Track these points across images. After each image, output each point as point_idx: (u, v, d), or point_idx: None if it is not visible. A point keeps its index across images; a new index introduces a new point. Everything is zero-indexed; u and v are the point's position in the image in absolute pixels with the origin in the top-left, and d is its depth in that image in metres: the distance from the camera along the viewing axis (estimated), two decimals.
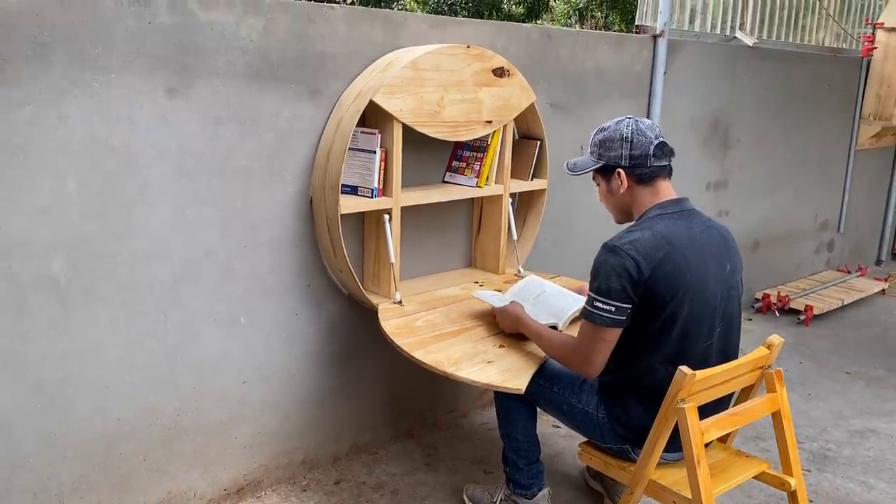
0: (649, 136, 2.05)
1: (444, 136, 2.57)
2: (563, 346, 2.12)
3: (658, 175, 2.07)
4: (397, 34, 2.60)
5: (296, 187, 2.47)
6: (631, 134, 2.05)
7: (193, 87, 2.20)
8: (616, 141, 2.07)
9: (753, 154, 4.45)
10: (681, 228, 2.02)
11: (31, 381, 2.07)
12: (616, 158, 2.07)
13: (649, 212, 2.07)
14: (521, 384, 2.08)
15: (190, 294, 2.31)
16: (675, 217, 2.04)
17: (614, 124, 2.10)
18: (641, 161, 2.05)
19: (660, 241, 1.97)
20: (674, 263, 1.96)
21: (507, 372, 2.15)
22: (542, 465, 2.41)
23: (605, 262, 1.97)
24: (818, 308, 4.52)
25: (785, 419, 2.09)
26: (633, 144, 2.04)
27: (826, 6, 4.86)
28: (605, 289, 1.95)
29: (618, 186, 2.09)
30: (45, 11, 1.92)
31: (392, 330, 2.36)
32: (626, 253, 1.95)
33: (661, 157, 2.06)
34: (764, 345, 2.08)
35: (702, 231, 2.05)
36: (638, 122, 2.07)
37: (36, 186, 1.98)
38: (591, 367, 2.03)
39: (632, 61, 3.52)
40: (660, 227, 2.00)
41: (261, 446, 2.58)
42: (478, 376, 2.12)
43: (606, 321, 1.96)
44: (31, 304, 2.03)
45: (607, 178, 2.13)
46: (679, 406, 1.87)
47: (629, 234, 2.00)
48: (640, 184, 2.07)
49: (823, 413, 3.35)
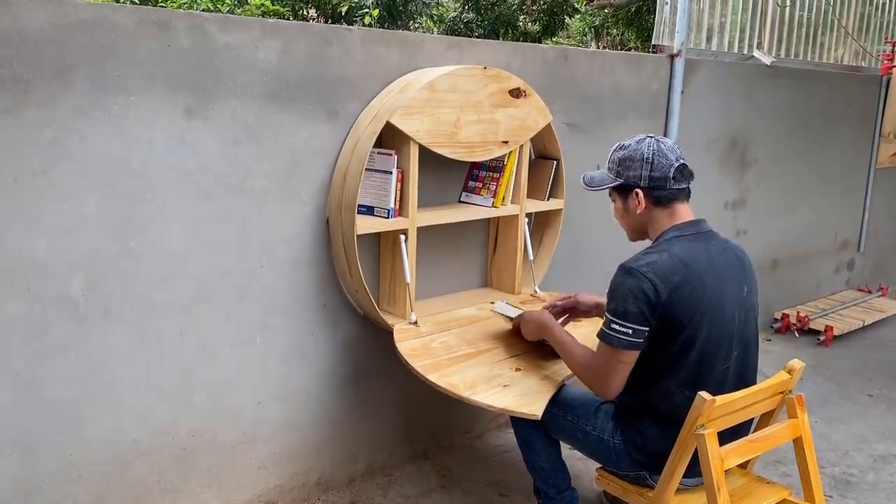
0: (670, 159, 2.03)
1: (460, 157, 2.57)
2: (582, 360, 2.09)
3: (676, 198, 2.06)
4: (414, 55, 2.61)
5: (312, 207, 2.48)
6: (652, 155, 2.03)
7: (212, 108, 2.21)
8: (636, 161, 2.05)
9: (772, 173, 4.42)
10: (698, 251, 2.00)
11: (48, 400, 2.08)
12: (635, 178, 2.06)
13: (666, 233, 2.05)
14: (537, 409, 2.06)
15: (206, 314, 2.32)
16: (692, 239, 2.03)
17: (635, 143, 2.08)
18: (661, 183, 2.03)
19: (677, 264, 1.95)
20: (691, 286, 1.94)
21: (523, 397, 2.13)
22: (575, 493, 2.36)
23: (622, 284, 1.96)
24: (838, 328, 4.46)
25: (807, 445, 2.05)
26: (654, 166, 2.03)
27: (845, 24, 4.84)
28: (622, 311, 1.93)
29: (635, 206, 2.08)
30: (67, 34, 1.94)
31: (407, 352, 2.35)
32: (643, 275, 1.93)
33: (681, 179, 2.04)
34: (785, 369, 2.05)
35: (719, 253, 2.03)
36: (660, 143, 2.05)
37: (56, 208, 2.00)
38: (607, 389, 2.00)
39: (649, 81, 3.51)
40: (677, 250, 1.98)
41: (276, 467, 2.58)
42: (494, 401, 2.10)
43: (623, 343, 1.94)
44: (49, 323, 2.04)
45: (624, 197, 2.11)
46: (699, 432, 1.84)
47: (646, 257, 1.98)
48: (657, 205, 2.06)
49: (845, 437, 3.30)
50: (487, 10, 9.57)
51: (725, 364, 2.01)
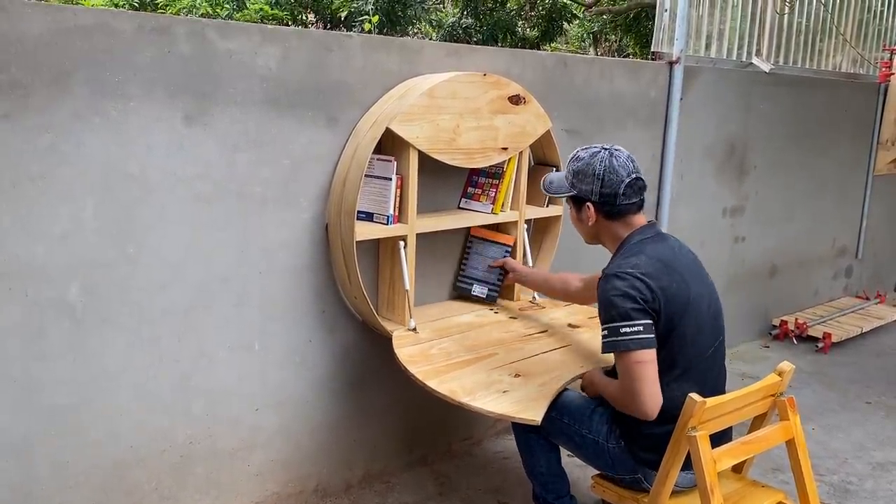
0: (621, 175, 2.06)
1: (459, 163, 2.57)
2: (617, 389, 2.02)
3: (627, 211, 2.10)
4: (414, 62, 2.61)
5: (311, 213, 2.47)
6: (603, 171, 2.07)
7: (211, 114, 2.21)
8: (588, 175, 2.09)
9: (770, 180, 4.42)
10: (666, 249, 2.07)
11: (45, 405, 2.07)
12: (587, 192, 2.11)
13: (631, 238, 2.10)
14: (536, 415, 2.05)
15: (204, 320, 2.31)
16: (656, 240, 2.08)
17: (588, 157, 2.11)
18: (610, 199, 2.08)
19: (657, 264, 2.00)
20: (675, 284, 1.99)
21: (522, 402, 2.12)
22: (574, 500, 2.36)
23: (612, 288, 1.95)
24: (837, 336, 4.46)
25: (799, 447, 2.05)
26: (604, 182, 2.07)
27: (843, 32, 4.85)
28: (625, 312, 1.92)
29: (587, 218, 2.14)
30: (67, 40, 1.94)
31: (406, 358, 2.35)
32: (630, 275, 1.95)
33: (632, 195, 2.09)
34: (775, 372, 2.05)
35: (679, 249, 2.11)
36: (612, 158, 2.08)
37: (54, 213, 2.00)
38: (643, 402, 1.91)
39: (647, 88, 3.52)
40: (650, 251, 2.03)
41: (273, 473, 2.57)
42: (493, 406, 2.09)
43: (635, 343, 1.91)
44: (46, 329, 2.04)
45: (577, 207, 2.17)
46: (691, 434, 1.84)
47: (626, 261, 2.01)
48: (608, 218, 2.12)
49: (844, 444, 3.29)
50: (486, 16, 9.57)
51: (710, 349, 2.06)
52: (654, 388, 1.92)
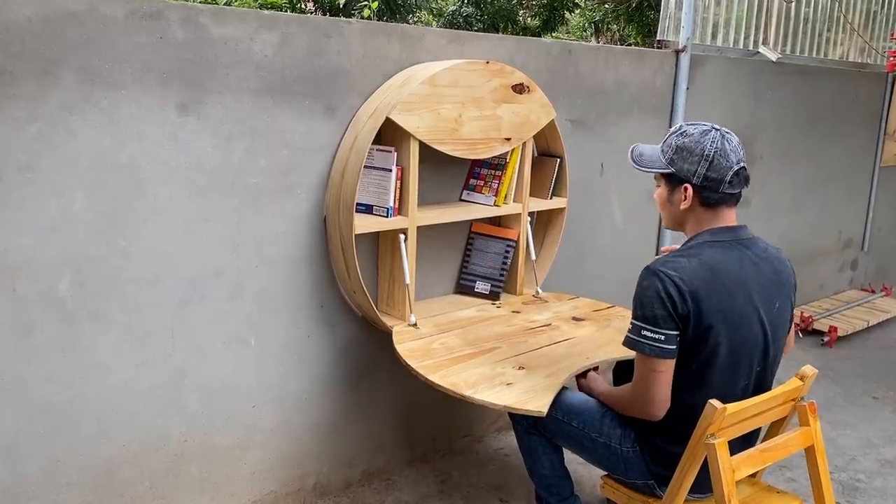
0: (731, 160, 1.85)
1: (461, 154, 2.50)
2: (622, 395, 1.98)
3: (725, 202, 1.90)
4: (415, 49, 2.54)
5: (309, 205, 2.41)
6: (713, 154, 1.85)
7: (205, 102, 2.14)
8: (695, 155, 1.86)
9: (776, 171, 4.35)
10: (730, 259, 1.87)
11: (34, 403, 2.01)
12: (688, 173, 1.88)
13: (699, 236, 1.92)
14: (542, 406, 1.99)
15: (198, 314, 2.25)
16: (726, 246, 1.89)
17: (699, 134, 1.88)
18: (714, 185, 1.86)
19: (705, 272, 1.83)
20: (717, 297, 1.82)
21: (527, 393, 2.06)
22: (578, 501, 2.30)
23: (648, 287, 1.84)
24: (843, 329, 4.40)
25: (819, 455, 1.98)
26: (712, 165, 1.85)
27: (850, 20, 4.77)
28: (651, 316, 1.82)
29: (679, 200, 1.92)
30: (55, 26, 1.87)
31: (407, 353, 2.29)
32: (668, 278, 1.81)
33: (737, 184, 1.88)
34: (797, 376, 1.98)
35: (753, 264, 1.90)
36: (724, 141, 1.86)
37: (42, 205, 1.93)
38: (651, 405, 1.86)
39: (653, 77, 3.44)
40: (707, 257, 1.86)
41: (271, 472, 2.51)
42: (496, 399, 2.04)
43: (656, 351, 1.82)
44: (35, 324, 1.97)
45: (671, 187, 1.94)
46: (709, 441, 1.77)
47: (674, 261, 1.86)
48: (703, 206, 1.91)
49: (851, 441, 3.24)
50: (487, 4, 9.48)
51: (746, 381, 1.92)
52: (665, 394, 1.86)
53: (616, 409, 2.07)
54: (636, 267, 1.92)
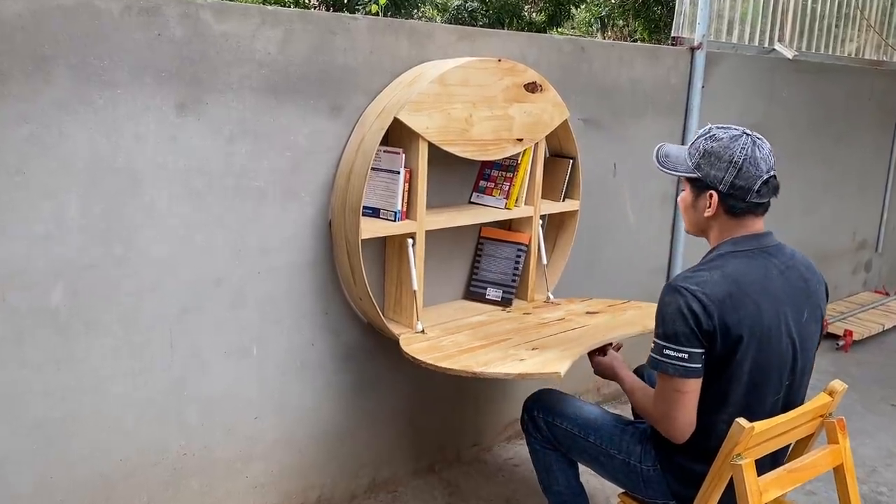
0: (761, 169, 1.77)
1: (472, 156, 2.40)
2: (649, 402, 1.88)
3: (752, 212, 1.82)
4: (424, 47, 2.44)
5: (314, 209, 2.31)
6: (743, 161, 1.77)
7: (205, 102, 2.05)
8: (723, 161, 1.78)
9: (791, 171, 4.24)
10: (755, 270, 1.78)
11: (27, 417, 1.92)
12: (715, 180, 1.80)
13: (721, 246, 1.83)
14: (560, 367, 2.00)
15: (198, 323, 2.16)
16: (750, 256, 1.80)
17: (729, 139, 1.80)
18: (741, 194, 1.78)
19: (730, 286, 1.74)
20: (745, 310, 1.73)
21: (542, 363, 2.05)
22: None
23: (669, 304, 1.74)
24: (858, 333, 4.30)
25: (849, 475, 1.89)
26: (741, 173, 1.77)
27: (867, 17, 4.66)
28: (673, 333, 1.73)
29: (704, 207, 1.84)
30: (47, 22, 1.77)
31: (415, 351, 2.22)
32: (691, 294, 1.72)
33: (765, 194, 1.79)
34: (825, 391, 1.89)
35: (780, 273, 1.81)
36: (755, 147, 1.79)
37: (34, 210, 1.84)
38: (673, 427, 1.78)
39: (668, 74, 3.34)
40: (730, 269, 1.77)
41: (273, 485, 2.42)
42: (510, 369, 2.04)
43: (680, 371, 1.73)
44: (27, 336, 1.88)
45: (696, 193, 1.86)
46: (736, 462, 1.68)
47: (696, 275, 1.77)
48: (728, 214, 1.82)
49: (871, 451, 3.14)
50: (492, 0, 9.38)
51: (776, 396, 1.83)
52: (690, 416, 1.77)
53: (636, 408, 1.99)
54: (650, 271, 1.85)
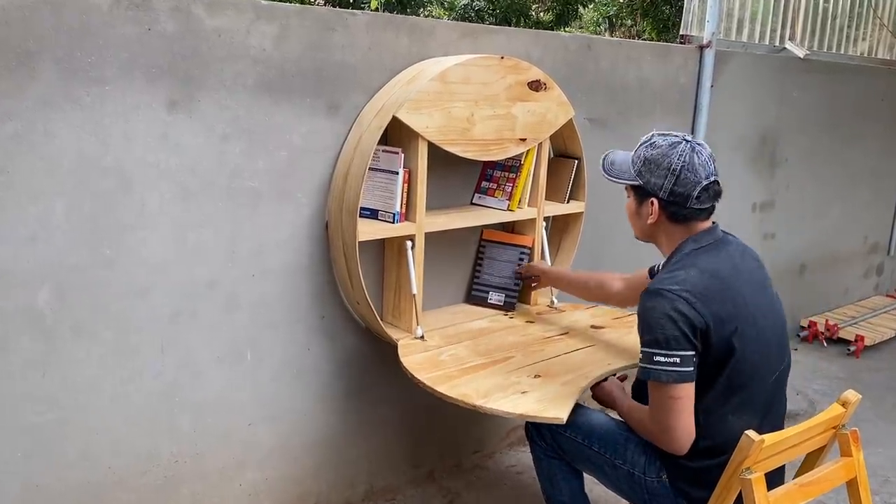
0: (699, 175, 1.79)
1: (473, 156, 2.34)
2: (646, 418, 1.83)
3: (695, 218, 1.84)
4: (425, 43, 2.37)
5: (310, 210, 2.25)
6: (681, 168, 1.79)
7: (197, 100, 1.99)
8: (662, 168, 1.82)
9: (802, 172, 4.17)
10: (723, 260, 1.81)
11: (12, 424, 1.87)
12: (654, 187, 1.83)
13: (683, 246, 1.84)
14: (561, 412, 1.86)
15: (190, 328, 2.10)
16: (713, 248, 1.82)
17: (667, 146, 1.83)
18: (680, 200, 1.81)
19: (709, 279, 1.74)
20: (731, 301, 1.74)
21: (544, 401, 1.93)
22: None
23: (653, 308, 1.72)
24: (870, 338, 4.21)
25: (862, 488, 1.83)
26: (679, 180, 1.80)
27: (880, 16, 4.57)
28: (663, 338, 1.69)
29: (647, 214, 1.87)
30: (32, 16, 1.72)
31: (413, 366, 2.14)
32: (676, 294, 1.70)
33: (706, 200, 1.82)
34: (838, 402, 1.82)
35: (740, 257, 1.85)
36: (694, 154, 1.80)
37: (19, 211, 1.79)
38: (673, 438, 1.73)
39: (676, 73, 3.27)
40: (703, 264, 1.78)
41: (268, 493, 2.36)
42: (511, 407, 1.90)
43: (673, 376, 1.69)
44: (12, 340, 1.83)
45: (639, 200, 1.90)
46: (745, 476, 1.62)
47: (673, 275, 1.76)
48: (671, 220, 1.85)
49: (883, 460, 3.06)
50: None
51: (773, 375, 1.83)
52: (688, 423, 1.72)
53: (635, 430, 1.92)
54: None
